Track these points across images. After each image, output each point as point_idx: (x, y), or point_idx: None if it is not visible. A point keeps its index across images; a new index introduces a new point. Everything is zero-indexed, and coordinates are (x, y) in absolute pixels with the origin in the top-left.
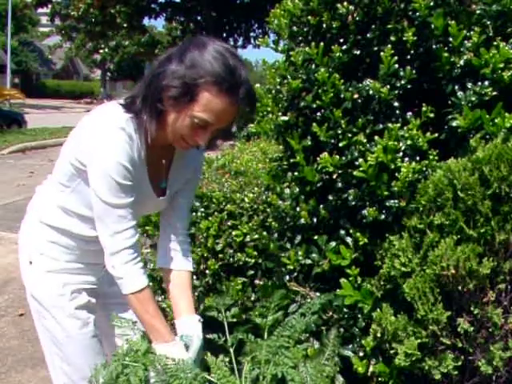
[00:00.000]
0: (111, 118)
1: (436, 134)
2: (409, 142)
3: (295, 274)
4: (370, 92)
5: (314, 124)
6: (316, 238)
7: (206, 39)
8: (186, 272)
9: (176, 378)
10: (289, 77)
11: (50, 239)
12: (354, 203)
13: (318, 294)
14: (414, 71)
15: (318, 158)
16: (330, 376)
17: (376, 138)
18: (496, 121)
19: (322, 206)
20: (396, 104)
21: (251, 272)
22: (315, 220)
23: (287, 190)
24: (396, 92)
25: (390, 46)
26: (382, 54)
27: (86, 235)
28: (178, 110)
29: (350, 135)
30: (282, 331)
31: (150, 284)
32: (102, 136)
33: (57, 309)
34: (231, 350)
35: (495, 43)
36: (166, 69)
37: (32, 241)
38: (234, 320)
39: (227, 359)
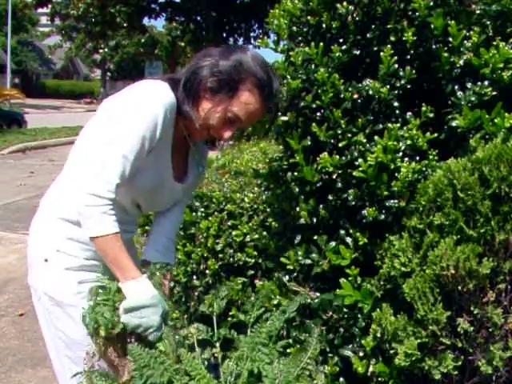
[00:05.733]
0: (160, 82)
1: (436, 134)
2: (408, 142)
3: (295, 274)
4: (370, 92)
5: (314, 124)
6: (316, 238)
7: (245, 47)
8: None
9: (149, 369)
10: (288, 77)
11: (68, 235)
12: (353, 203)
13: (317, 294)
14: (413, 71)
15: (318, 158)
16: (312, 373)
17: (376, 138)
18: (496, 121)
19: (321, 205)
20: (396, 104)
21: (251, 272)
22: (315, 220)
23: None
24: (396, 92)
25: (389, 46)
26: (381, 53)
27: None
28: (215, 102)
29: (349, 135)
30: (260, 328)
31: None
32: (150, 88)
33: (75, 308)
34: (217, 345)
35: (495, 43)
36: (211, 62)
37: (48, 238)
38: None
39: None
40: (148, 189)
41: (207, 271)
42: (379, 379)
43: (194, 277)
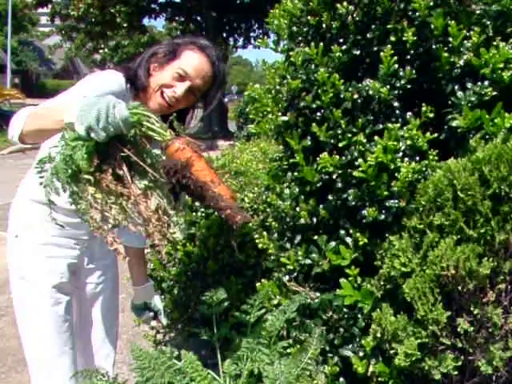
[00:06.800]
0: (110, 71)
1: (436, 134)
2: (408, 142)
3: (295, 274)
4: (370, 92)
5: (314, 124)
6: (316, 238)
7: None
8: (140, 249)
9: (149, 370)
10: (288, 77)
11: (37, 214)
12: (353, 203)
13: (317, 294)
14: (413, 71)
15: (318, 158)
16: (312, 373)
17: (376, 138)
18: (496, 121)
19: (321, 206)
20: (396, 104)
21: (251, 272)
22: (315, 220)
23: (287, 190)
24: (396, 92)
25: (389, 46)
26: (381, 53)
27: (66, 208)
28: (163, 65)
29: (349, 135)
30: (260, 328)
31: None
32: (98, 74)
33: (36, 284)
34: (217, 346)
35: (495, 43)
36: (159, 45)
37: (20, 216)
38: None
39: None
40: None
41: (207, 271)
42: (379, 379)
43: (194, 277)
